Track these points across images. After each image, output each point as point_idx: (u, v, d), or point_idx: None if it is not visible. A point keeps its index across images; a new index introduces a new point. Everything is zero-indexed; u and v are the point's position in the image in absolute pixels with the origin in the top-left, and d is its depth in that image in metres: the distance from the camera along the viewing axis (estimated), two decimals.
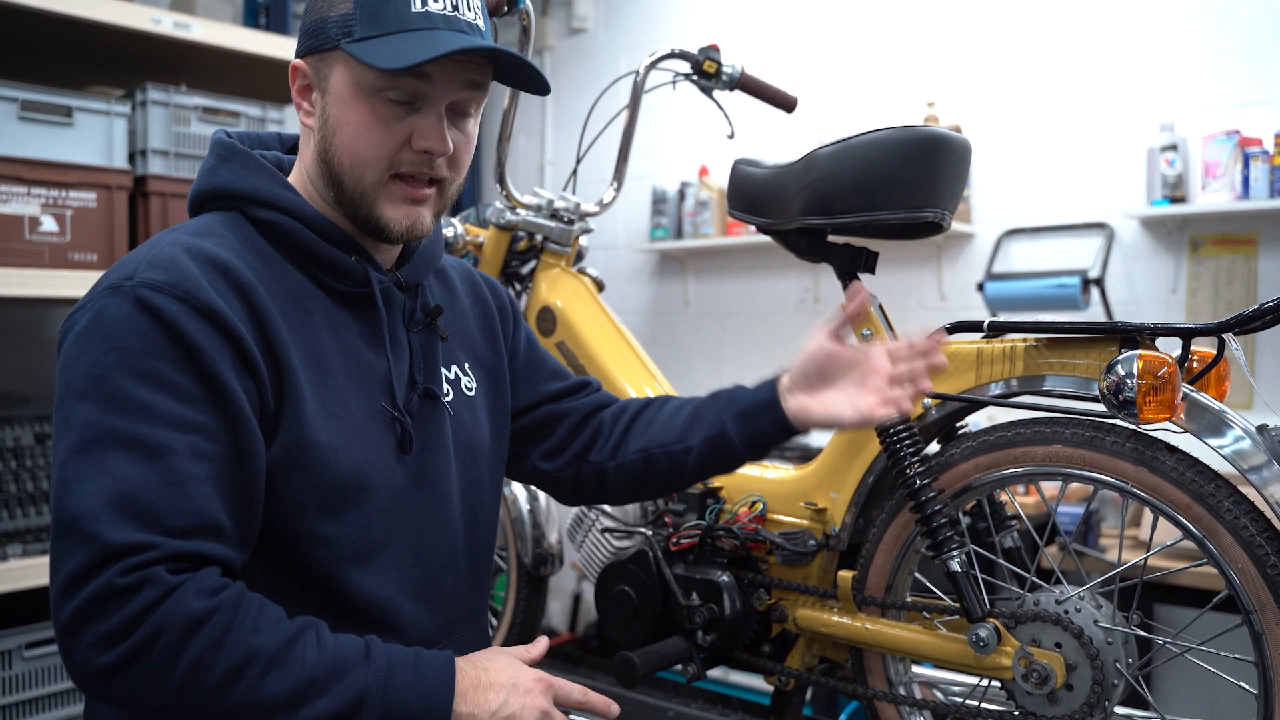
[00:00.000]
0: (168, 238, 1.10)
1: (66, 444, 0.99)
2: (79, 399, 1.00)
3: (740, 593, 1.70)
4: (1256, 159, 3.05)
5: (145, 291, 1.02)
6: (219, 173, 1.17)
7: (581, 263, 2.11)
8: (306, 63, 1.15)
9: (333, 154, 1.14)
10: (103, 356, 1.00)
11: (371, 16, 1.10)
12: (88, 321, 1.03)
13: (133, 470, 0.97)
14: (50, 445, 2.37)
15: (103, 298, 1.03)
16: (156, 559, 0.95)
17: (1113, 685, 1.39)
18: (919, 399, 1.33)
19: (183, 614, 0.93)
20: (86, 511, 0.95)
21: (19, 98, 2.25)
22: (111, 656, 0.92)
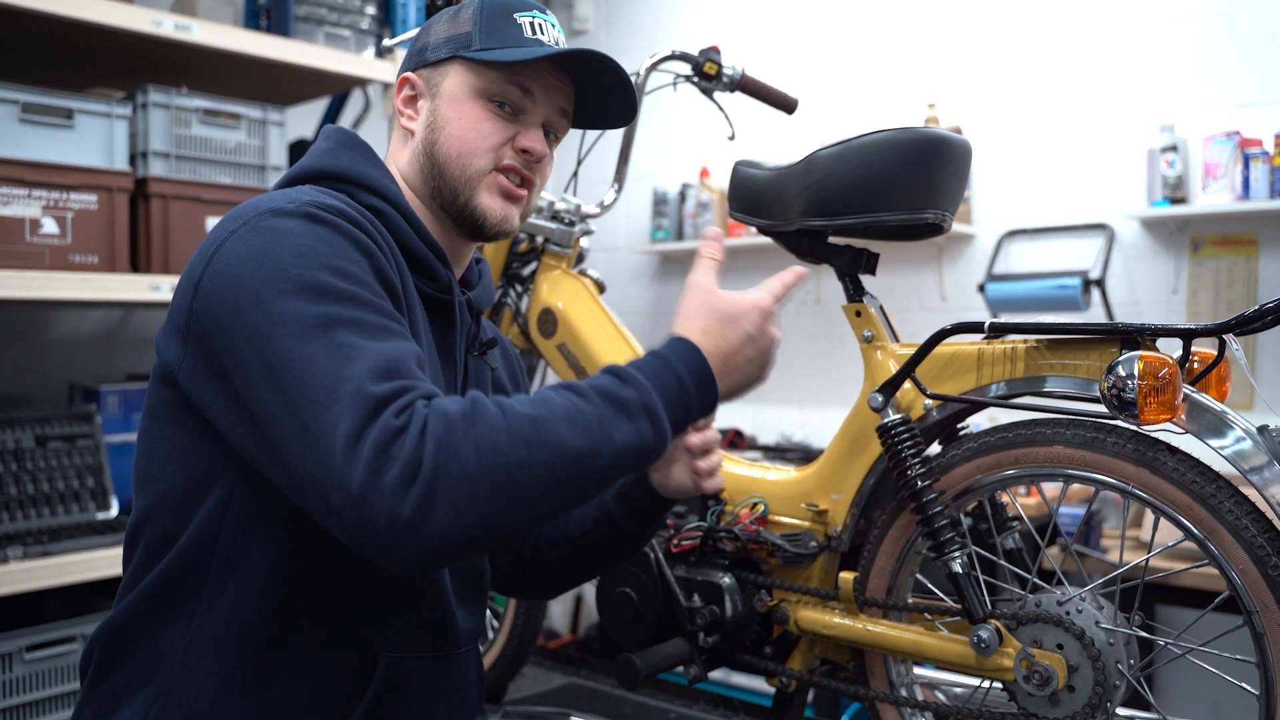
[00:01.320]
0: (303, 192, 1.13)
1: (285, 336, 0.97)
2: (282, 297, 0.99)
3: (742, 594, 1.70)
4: (1257, 160, 3.05)
5: (315, 210, 1.07)
6: (338, 155, 1.22)
7: (582, 264, 2.11)
8: (417, 75, 1.28)
9: (440, 146, 1.24)
10: (297, 258, 1.02)
11: (489, 34, 1.23)
12: (260, 238, 1.04)
13: (366, 342, 0.98)
14: (53, 447, 2.38)
15: (266, 219, 1.06)
16: (416, 397, 0.96)
17: (1114, 686, 1.39)
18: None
19: (452, 415, 0.94)
20: (341, 379, 0.95)
21: (20, 100, 2.25)
22: (417, 491, 0.91)
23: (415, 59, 1.29)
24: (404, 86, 1.28)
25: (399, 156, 1.29)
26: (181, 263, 2.47)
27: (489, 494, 0.93)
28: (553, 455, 0.96)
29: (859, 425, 1.67)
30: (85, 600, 2.47)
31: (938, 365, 1.54)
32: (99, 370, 3.02)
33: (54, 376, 2.97)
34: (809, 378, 4.20)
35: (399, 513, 0.90)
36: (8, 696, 2.20)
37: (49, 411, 2.45)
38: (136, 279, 2.37)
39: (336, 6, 2.86)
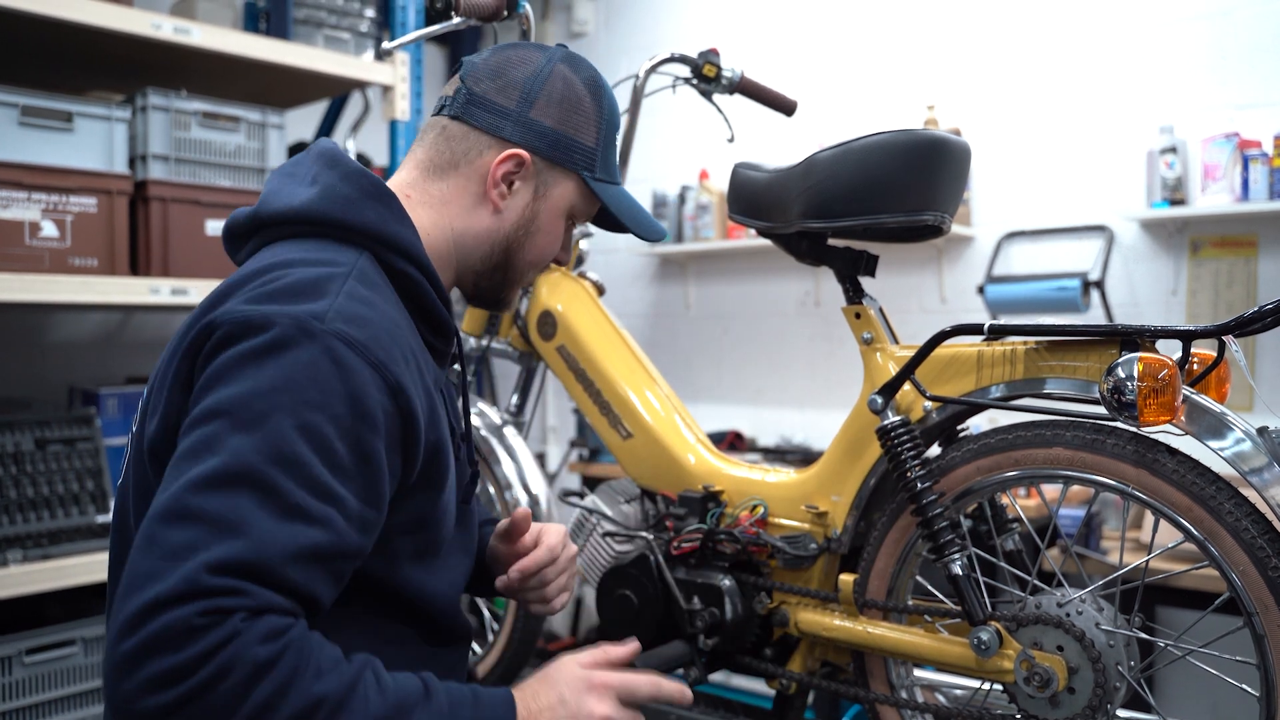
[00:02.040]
0: (343, 283, 1.04)
1: (204, 466, 0.92)
2: (234, 425, 0.93)
3: (742, 596, 1.70)
4: (1256, 161, 3.05)
5: (338, 344, 0.98)
6: (363, 209, 1.13)
7: (582, 267, 2.11)
8: (534, 161, 1.23)
9: (524, 250, 1.26)
10: (275, 391, 0.95)
11: (604, 162, 1.28)
12: (267, 343, 0.96)
13: (261, 519, 0.91)
14: (52, 450, 2.38)
15: (289, 327, 0.97)
16: (242, 606, 0.88)
17: (1114, 688, 1.39)
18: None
19: (249, 657, 0.87)
20: (199, 542, 0.88)
21: (19, 103, 2.25)
22: (167, 698, 0.84)
23: (541, 143, 1.22)
24: (511, 161, 1.21)
25: (458, 214, 1.22)
26: (181, 266, 2.47)
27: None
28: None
29: (859, 427, 1.67)
30: (85, 603, 2.47)
31: (937, 367, 1.54)
32: (98, 373, 3.02)
33: (53, 379, 2.98)
34: (808, 380, 4.20)
35: (143, 703, 0.85)
36: (8, 700, 2.20)
37: (48, 414, 2.45)
38: (136, 282, 2.37)
39: (335, 9, 2.86)
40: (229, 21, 2.68)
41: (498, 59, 1.25)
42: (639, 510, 1.92)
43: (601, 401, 1.94)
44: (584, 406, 1.98)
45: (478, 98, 1.23)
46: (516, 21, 1.89)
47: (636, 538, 1.83)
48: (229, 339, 0.99)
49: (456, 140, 1.23)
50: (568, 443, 4.40)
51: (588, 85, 1.26)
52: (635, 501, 1.93)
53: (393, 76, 2.83)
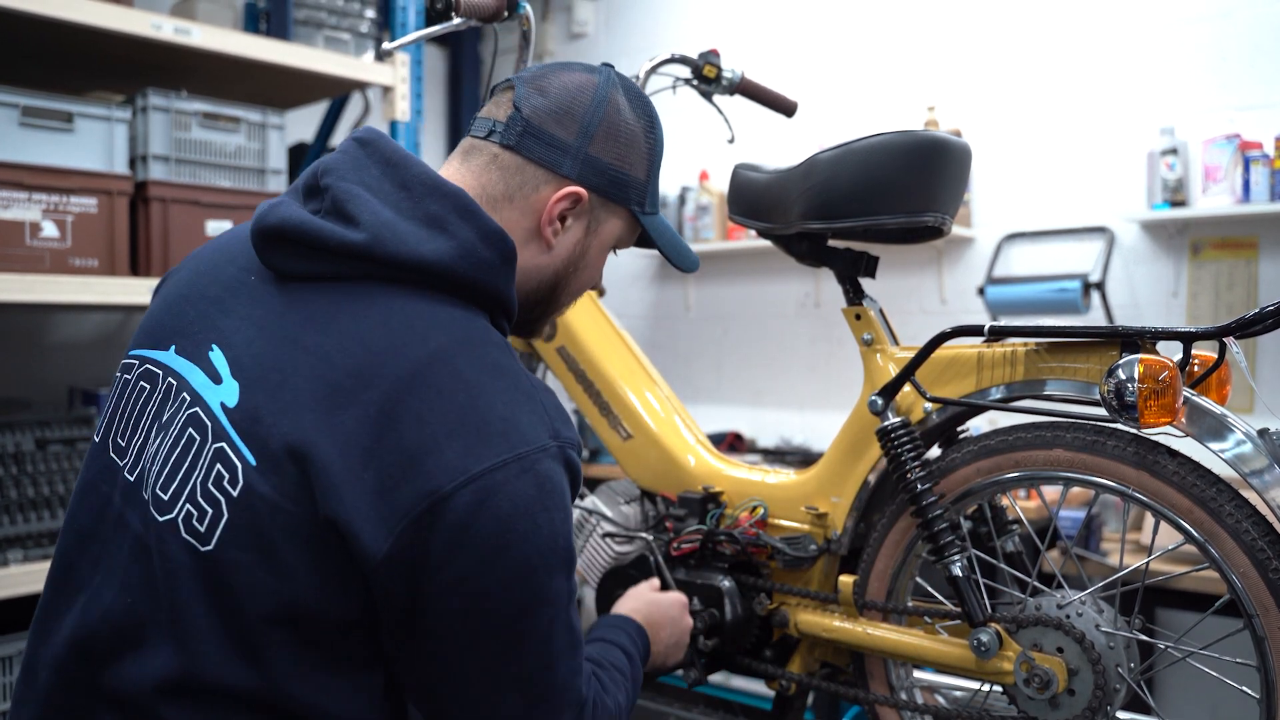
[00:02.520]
0: (520, 374, 1.07)
1: (552, 618, 1.04)
2: (554, 573, 1.02)
3: (741, 597, 1.70)
4: (1257, 162, 3.05)
5: (570, 453, 1.06)
6: (499, 276, 1.11)
7: None
8: (590, 198, 1.20)
9: (571, 283, 1.26)
10: (565, 525, 1.03)
11: (652, 195, 1.28)
12: (536, 490, 1.00)
13: (577, 619, 1.09)
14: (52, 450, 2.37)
15: (542, 464, 1.01)
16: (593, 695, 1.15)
17: (1114, 690, 1.39)
18: None
19: (612, 712, 1.19)
20: (573, 670, 1.08)
21: (20, 103, 2.25)
22: None
23: (599, 181, 1.19)
24: (569, 199, 1.17)
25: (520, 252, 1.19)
26: None
27: None
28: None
29: (859, 428, 1.67)
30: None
31: (938, 368, 1.54)
32: (99, 373, 3.02)
33: (54, 380, 2.98)
34: (808, 381, 4.20)
35: None
36: (8, 699, 2.20)
37: (49, 415, 2.45)
38: (136, 282, 2.37)
39: (336, 10, 2.87)
40: (229, 22, 2.68)
41: (553, 85, 1.18)
42: (639, 511, 1.92)
43: (601, 402, 1.94)
44: (584, 407, 1.97)
45: (534, 129, 1.16)
46: (517, 22, 1.89)
47: (636, 538, 1.83)
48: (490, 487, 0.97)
49: (511, 172, 1.17)
50: None
51: (641, 116, 1.23)
52: (635, 502, 1.93)
53: (393, 77, 2.83)
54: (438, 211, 1.07)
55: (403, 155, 1.11)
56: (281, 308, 1.05)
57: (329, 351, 1.00)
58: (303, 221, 1.05)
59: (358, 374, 0.99)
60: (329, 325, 1.02)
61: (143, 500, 1.05)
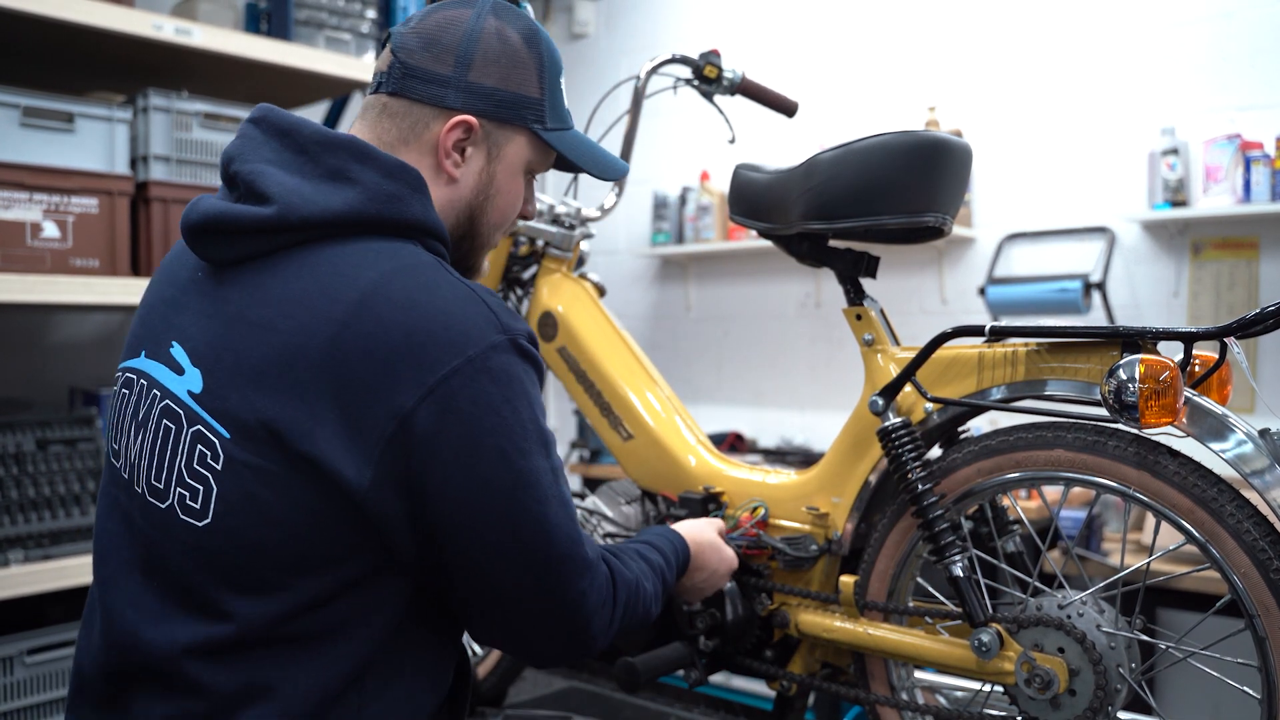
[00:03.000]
0: (455, 281, 1.11)
1: (534, 497, 1.09)
2: (526, 455, 1.09)
3: (742, 598, 1.70)
4: (1258, 163, 3.05)
5: (523, 343, 1.11)
6: (412, 204, 1.15)
7: (583, 268, 2.11)
8: (480, 124, 1.21)
9: (485, 213, 1.26)
10: (530, 410, 1.09)
11: (553, 110, 1.26)
12: (496, 385, 1.07)
13: (567, 492, 1.15)
14: (53, 450, 2.38)
15: (494, 359, 1.07)
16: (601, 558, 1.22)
17: (1116, 690, 1.39)
18: None
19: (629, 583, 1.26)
20: (575, 538, 1.14)
21: (21, 104, 2.25)
22: (615, 627, 1.23)
23: (485, 105, 1.20)
24: (459, 128, 1.20)
25: (432, 190, 1.22)
26: None
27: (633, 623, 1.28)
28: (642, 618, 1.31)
29: (860, 429, 1.67)
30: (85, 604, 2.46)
31: (938, 369, 1.54)
32: (100, 374, 3.02)
33: (54, 380, 2.98)
34: (809, 381, 4.20)
35: (605, 634, 1.21)
36: (8, 700, 2.20)
37: (50, 415, 2.45)
38: (137, 283, 2.37)
39: (336, 10, 2.87)
40: (230, 22, 2.68)
41: (426, 25, 1.21)
42: (640, 511, 1.92)
43: (602, 403, 1.94)
44: (585, 408, 1.98)
45: (413, 69, 1.19)
46: None
47: None
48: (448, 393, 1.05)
49: (401, 116, 1.20)
50: (569, 444, 4.40)
51: (523, 35, 1.23)
52: (636, 503, 1.93)
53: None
54: (337, 164, 1.13)
55: (293, 121, 1.16)
56: (224, 294, 1.12)
57: (272, 319, 1.07)
58: (220, 211, 1.11)
59: (302, 329, 1.05)
60: (268, 297, 1.08)
61: (139, 494, 1.14)
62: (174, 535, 1.09)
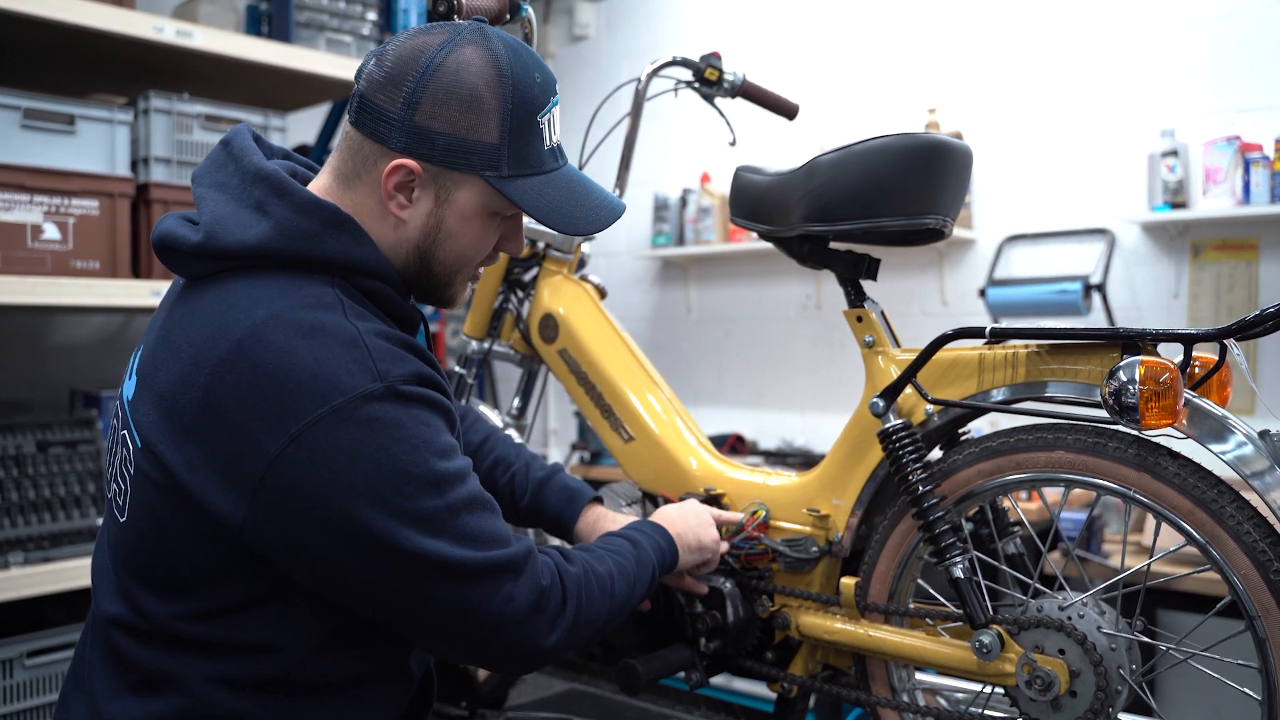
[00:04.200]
0: (344, 325, 1.09)
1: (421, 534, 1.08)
2: (410, 499, 1.07)
3: (743, 600, 1.70)
4: (1257, 164, 3.05)
5: (404, 388, 1.09)
6: (326, 243, 1.14)
7: (584, 270, 2.11)
8: (423, 169, 1.15)
9: (437, 254, 1.21)
10: (412, 454, 1.08)
11: (517, 157, 1.17)
12: (365, 433, 1.06)
13: (482, 521, 1.14)
14: (54, 453, 2.38)
15: (361, 409, 1.06)
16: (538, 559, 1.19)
17: (1116, 691, 1.39)
18: None
19: (577, 578, 1.23)
20: (483, 561, 1.11)
21: (22, 106, 2.26)
22: (560, 631, 1.19)
23: (425, 150, 1.14)
24: (400, 172, 1.15)
25: (371, 224, 1.19)
26: None
27: (592, 631, 1.25)
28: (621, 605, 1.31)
29: (860, 430, 1.67)
30: (86, 606, 2.47)
31: (939, 370, 1.54)
32: (100, 376, 3.02)
33: (55, 382, 2.98)
34: (810, 383, 4.20)
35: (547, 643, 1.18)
36: (8, 702, 2.20)
37: (50, 417, 2.45)
38: (138, 284, 2.37)
39: (337, 12, 2.87)
40: (231, 24, 2.68)
41: (396, 52, 1.16)
42: (641, 513, 1.92)
43: (603, 404, 1.94)
44: (585, 409, 1.98)
45: (367, 102, 1.16)
46: (518, 25, 1.90)
47: None
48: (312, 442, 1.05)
49: (355, 149, 1.18)
50: (569, 445, 4.40)
51: (485, 72, 1.14)
52: (637, 504, 1.93)
53: None
54: (260, 196, 1.14)
55: (242, 146, 1.19)
56: (174, 310, 1.18)
57: (180, 345, 1.12)
58: (165, 233, 1.16)
59: (193, 361, 1.09)
60: (186, 321, 1.13)
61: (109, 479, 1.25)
62: (110, 524, 1.21)
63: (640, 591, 1.36)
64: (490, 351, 2.12)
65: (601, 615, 1.26)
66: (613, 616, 1.28)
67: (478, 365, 2.12)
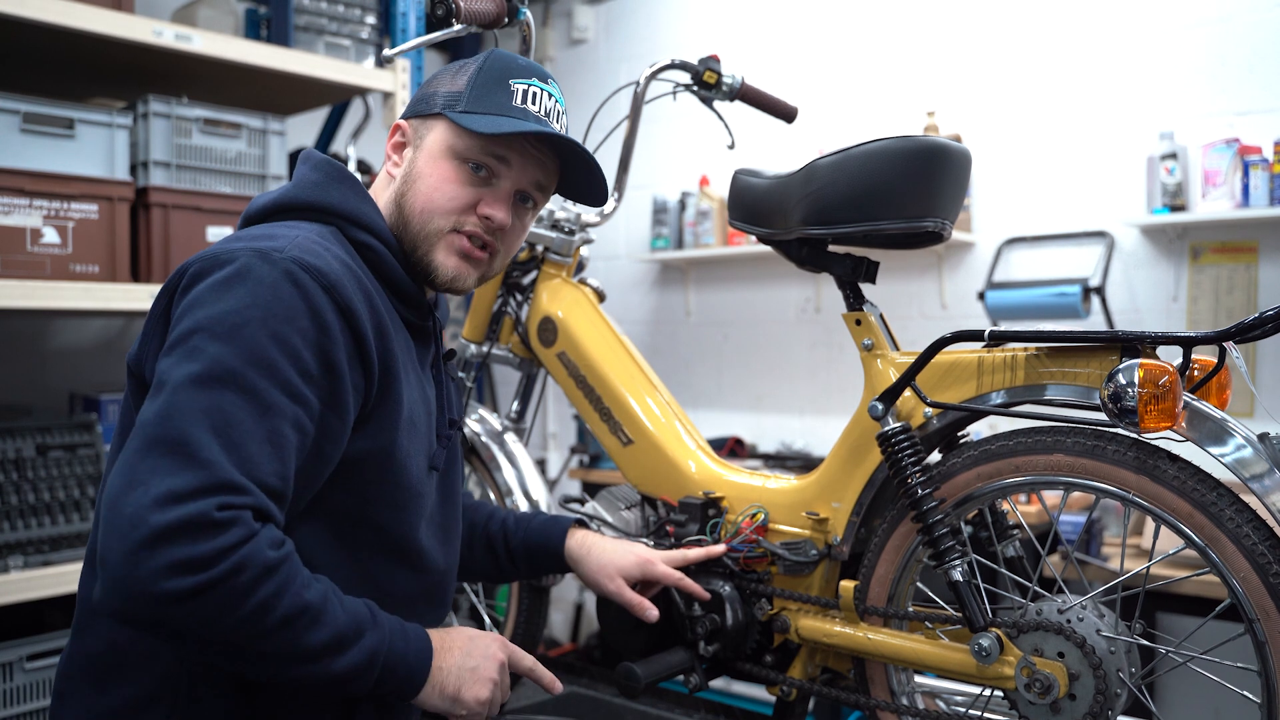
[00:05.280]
0: (299, 232, 1.18)
1: (188, 371, 1.04)
2: (212, 337, 1.06)
3: (742, 603, 1.70)
4: (1256, 167, 3.05)
5: (295, 268, 1.11)
6: (329, 190, 1.27)
7: (583, 273, 2.11)
8: (409, 124, 1.34)
9: (409, 199, 1.30)
10: (246, 308, 1.07)
11: (478, 99, 1.29)
12: (233, 272, 1.10)
13: (245, 417, 1.03)
14: (53, 456, 2.38)
15: (250, 257, 1.11)
16: (248, 505, 1.01)
17: (1116, 695, 1.39)
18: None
19: (261, 558, 1.00)
20: (199, 439, 1.00)
21: (21, 110, 2.26)
22: (188, 583, 0.95)
23: (413, 108, 1.35)
24: (396, 132, 1.35)
25: (381, 194, 1.34)
26: None
27: (228, 631, 0.99)
28: (290, 647, 1.04)
29: (859, 433, 1.67)
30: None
31: (938, 373, 1.54)
32: (100, 379, 3.02)
33: (55, 386, 2.98)
34: (809, 386, 4.20)
35: (161, 586, 0.94)
36: (8, 706, 2.20)
37: (50, 421, 2.45)
38: (137, 288, 2.37)
39: (336, 16, 2.87)
40: (230, 28, 2.69)
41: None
42: (639, 516, 1.92)
43: (602, 408, 1.94)
44: (584, 413, 1.98)
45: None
46: (517, 28, 1.90)
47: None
48: (200, 274, 1.12)
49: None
50: (568, 449, 4.40)
51: (483, 60, 1.32)
52: (636, 508, 1.93)
53: (393, 83, 2.84)
54: (294, 168, 1.33)
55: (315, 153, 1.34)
56: None
57: None
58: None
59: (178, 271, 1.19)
60: None
61: None
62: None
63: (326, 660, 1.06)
64: (489, 355, 2.12)
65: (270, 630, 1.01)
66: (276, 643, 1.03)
67: (477, 369, 2.12)
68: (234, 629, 0.99)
